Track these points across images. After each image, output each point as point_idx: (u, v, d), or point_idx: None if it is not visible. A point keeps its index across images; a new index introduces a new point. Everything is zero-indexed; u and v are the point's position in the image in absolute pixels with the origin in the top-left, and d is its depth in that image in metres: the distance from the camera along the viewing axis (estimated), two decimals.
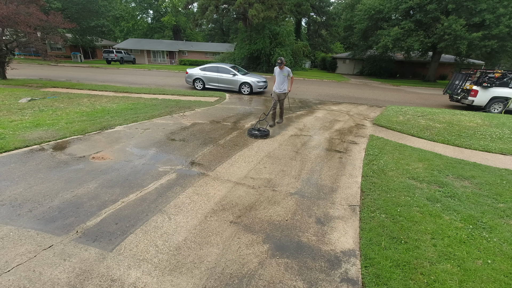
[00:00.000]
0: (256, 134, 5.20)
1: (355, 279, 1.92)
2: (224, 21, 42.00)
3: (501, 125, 6.94)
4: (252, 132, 5.26)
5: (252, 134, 5.24)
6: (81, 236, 2.20)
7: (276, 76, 5.86)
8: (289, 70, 5.78)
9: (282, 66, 5.64)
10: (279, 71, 5.76)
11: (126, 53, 32.72)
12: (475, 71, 10.97)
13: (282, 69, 5.72)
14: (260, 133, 5.21)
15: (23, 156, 3.74)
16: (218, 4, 24.51)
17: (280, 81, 5.84)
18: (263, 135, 5.21)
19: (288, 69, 5.75)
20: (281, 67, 5.69)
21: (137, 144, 4.51)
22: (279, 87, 5.89)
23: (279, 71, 5.76)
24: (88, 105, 7.25)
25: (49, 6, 22.35)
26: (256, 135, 5.20)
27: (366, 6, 23.71)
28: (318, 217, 2.67)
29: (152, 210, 2.63)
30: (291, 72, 5.85)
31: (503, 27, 18.13)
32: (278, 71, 5.79)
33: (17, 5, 10.35)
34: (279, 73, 5.78)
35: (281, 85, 5.90)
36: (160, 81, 15.02)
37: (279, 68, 5.73)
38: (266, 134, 5.26)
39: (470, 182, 3.57)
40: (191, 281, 1.82)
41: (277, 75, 5.86)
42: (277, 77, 5.87)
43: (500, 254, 2.21)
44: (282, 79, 5.82)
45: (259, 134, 5.18)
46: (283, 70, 5.74)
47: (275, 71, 5.87)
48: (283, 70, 5.74)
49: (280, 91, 5.92)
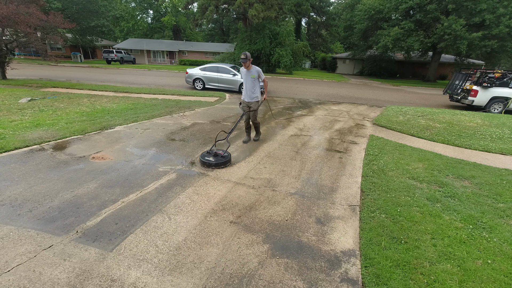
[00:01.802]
0: (210, 162, 3.67)
1: (355, 279, 1.92)
2: (224, 21, 42.01)
3: (501, 125, 6.94)
4: (205, 159, 3.71)
5: (205, 162, 3.68)
6: (81, 236, 2.20)
7: (244, 79, 4.51)
8: (258, 70, 4.41)
9: (248, 63, 4.25)
10: (246, 71, 4.41)
11: (126, 53, 32.72)
12: (475, 71, 10.97)
13: (249, 68, 4.37)
14: (216, 160, 3.73)
15: (23, 156, 3.74)
16: (218, 4, 24.51)
17: (250, 86, 4.46)
18: (221, 163, 3.71)
19: (258, 68, 4.41)
20: (246, 66, 4.31)
21: (137, 144, 4.51)
22: (249, 94, 4.49)
23: (245, 71, 4.41)
24: (88, 105, 7.24)
25: (49, 6, 22.35)
26: (209, 163, 3.66)
27: (366, 6, 23.72)
28: (318, 217, 2.67)
29: (152, 210, 2.63)
30: (261, 72, 4.46)
31: (503, 27, 18.14)
32: (244, 72, 4.43)
33: (17, 5, 10.34)
34: (246, 75, 4.43)
35: (251, 91, 4.48)
36: (160, 81, 15.02)
37: (244, 68, 4.38)
38: (225, 161, 3.76)
39: (470, 182, 3.57)
40: (191, 281, 1.82)
41: (244, 78, 4.49)
42: (244, 81, 4.49)
43: (500, 254, 2.21)
44: (252, 82, 4.43)
45: (214, 162, 3.68)
46: (251, 71, 4.38)
47: (241, 72, 4.60)
48: (251, 71, 4.38)
49: (250, 99, 4.52)
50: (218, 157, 3.78)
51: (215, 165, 3.68)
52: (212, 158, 3.74)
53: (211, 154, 3.83)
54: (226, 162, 3.78)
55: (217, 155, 3.82)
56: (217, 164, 3.68)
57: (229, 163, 3.82)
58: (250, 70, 4.38)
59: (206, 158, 3.74)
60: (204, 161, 3.70)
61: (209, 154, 3.86)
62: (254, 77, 4.40)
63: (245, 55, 4.14)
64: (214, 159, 3.72)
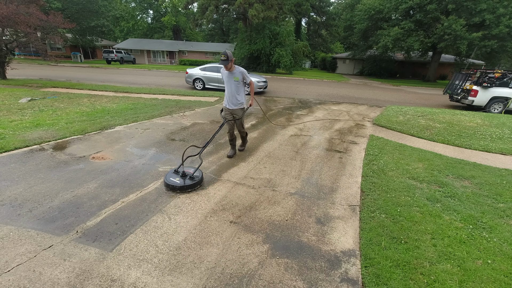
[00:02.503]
0: (174, 185, 2.97)
1: (355, 279, 1.92)
2: (224, 21, 42.02)
3: (501, 125, 6.94)
4: (169, 181, 3.02)
5: (169, 184, 3.00)
6: (81, 236, 2.20)
7: (225, 83, 3.83)
8: (243, 71, 3.74)
9: (230, 64, 3.60)
10: (227, 73, 3.73)
11: (126, 53, 32.74)
12: (475, 71, 10.97)
13: (231, 70, 3.70)
14: (182, 181, 3.01)
15: (23, 156, 3.74)
16: (218, 4, 24.53)
17: (233, 90, 3.78)
18: (187, 187, 2.99)
19: (241, 69, 3.74)
20: (228, 67, 3.64)
21: (137, 144, 4.51)
22: (232, 100, 3.84)
23: (227, 73, 3.74)
24: (88, 105, 7.24)
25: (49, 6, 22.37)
26: (174, 186, 2.97)
27: (366, 6, 23.73)
28: (318, 217, 2.67)
29: (152, 210, 2.63)
30: (246, 73, 3.79)
31: (503, 27, 18.15)
32: (226, 75, 3.76)
33: (17, 5, 10.35)
34: (228, 77, 3.76)
35: (234, 97, 3.81)
36: (160, 81, 15.02)
37: (225, 69, 3.70)
38: (193, 184, 3.04)
39: (470, 182, 3.57)
40: (191, 281, 1.82)
41: (226, 81, 3.81)
42: (226, 84, 3.83)
43: (500, 254, 2.21)
44: (235, 86, 3.76)
45: (179, 186, 2.96)
46: (234, 72, 3.70)
47: (222, 74, 3.89)
48: (234, 72, 3.70)
49: (234, 106, 3.86)
50: (186, 178, 3.08)
51: (180, 189, 2.97)
52: (179, 179, 3.05)
53: (178, 174, 3.14)
54: (195, 185, 3.06)
55: (185, 175, 3.11)
56: (182, 188, 2.97)
57: (199, 186, 3.12)
58: (233, 71, 3.71)
59: (170, 180, 3.04)
60: (168, 182, 3.00)
61: (177, 173, 3.16)
62: (237, 80, 3.72)
63: (226, 55, 3.48)
64: (180, 182, 3.01)
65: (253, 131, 5.73)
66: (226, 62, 3.54)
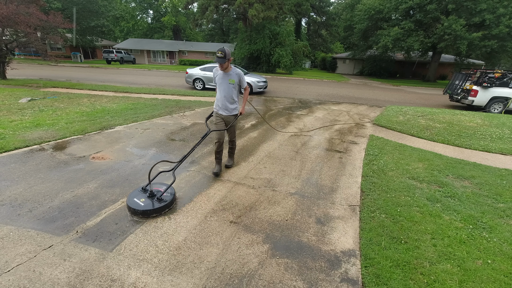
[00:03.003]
0: (135, 208, 2.46)
1: (355, 279, 1.92)
2: (224, 21, 42.03)
3: (501, 125, 6.94)
4: (131, 201, 2.55)
5: (131, 207, 2.48)
6: (81, 236, 2.20)
7: (218, 85, 3.31)
8: (239, 74, 3.25)
9: (227, 64, 3.12)
10: (222, 74, 3.23)
11: (126, 53, 32.75)
12: (475, 71, 10.97)
13: (227, 70, 3.21)
14: (149, 202, 2.55)
15: (23, 156, 3.74)
16: (218, 4, 24.54)
17: (227, 94, 3.27)
18: (152, 211, 2.49)
19: (239, 71, 3.26)
20: (224, 67, 3.14)
21: (137, 144, 4.51)
22: (225, 106, 3.33)
23: (221, 74, 3.24)
24: (88, 105, 7.24)
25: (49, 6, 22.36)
26: (134, 210, 2.46)
27: (366, 6, 23.74)
28: (318, 217, 2.67)
29: None
30: (243, 76, 3.30)
31: (503, 27, 18.15)
32: (220, 76, 3.25)
33: (17, 5, 10.35)
34: (222, 79, 3.24)
35: (229, 101, 3.32)
36: (160, 81, 15.02)
37: (220, 69, 3.20)
38: (161, 207, 2.54)
39: (470, 182, 3.57)
40: (191, 281, 1.82)
41: (219, 83, 3.29)
42: (219, 87, 3.31)
43: (500, 254, 2.21)
44: (230, 90, 3.26)
45: (141, 210, 2.45)
46: (230, 74, 3.21)
47: (214, 74, 3.35)
48: (230, 74, 3.21)
49: (228, 112, 3.37)
50: (153, 198, 2.60)
51: (142, 213, 2.46)
52: (144, 200, 2.59)
53: (146, 193, 2.70)
54: (162, 208, 2.55)
55: (153, 195, 2.63)
56: (145, 213, 2.46)
57: (168, 209, 2.62)
58: (229, 72, 3.20)
59: (133, 201, 2.56)
60: (128, 204, 2.51)
61: (144, 191, 2.72)
62: (233, 82, 3.22)
63: (223, 52, 2.96)
64: (144, 204, 2.53)
65: (253, 131, 5.73)
66: (223, 60, 3.03)
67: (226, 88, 3.25)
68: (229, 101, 3.32)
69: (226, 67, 3.17)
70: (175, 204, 2.77)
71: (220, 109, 3.38)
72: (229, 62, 3.15)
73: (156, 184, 2.93)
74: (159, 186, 2.88)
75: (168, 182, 2.92)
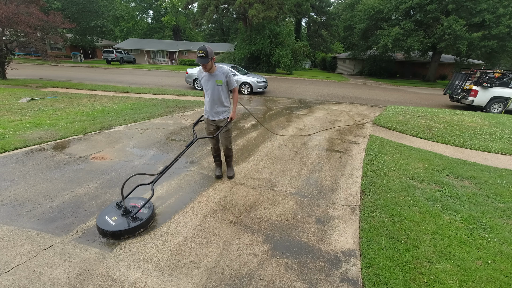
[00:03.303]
0: (106, 229, 2.15)
1: (355, 279, 1.92)
2: (224, 21, 42.02)
3: (501, 125, 6.94)
4: (101, 220, 2.24)
5: (99, 227, 2.17)
6: (81, 236, 2.20)
7: (204, 87, 3.01)
8: (226, 72, 2.95)
9: (210, 63, 2.79)
10: (207, 76, 2.92)
11: (126, 53, 32.75)
12: (475, 71, 10.97)
13: (212, 71, 2.89)
14: (121, 222, 2.23)
15: (23, 156, 3.74)
16: (218, 4, 24.54)
17: (215, 96, 2.97)
18: (124, 232, 2.17)
19: (225, 69, 2.96)
20: (207, 68, 2.82)
21: (137, 144, 4.51)
22: (215, 109, 3.05)
23: (206, 76, 2.92)
24: (88, 105, 7.24)
25: (49, 6, 22.36)
26: (104, 231, 2.15)
27: (366, 6, 23.74)
28: (318, 217, 2.67)
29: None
30: (231, 75, 3.01)
31: (503, 27, 18.15)
32: (206, 77, 2.94)
33: (17, 5, 10.35)
34: (208, 80, 2.93)
35: (218, 104, 3.02)
36: (160, 81, 15.02)
37: (204, 70, 2.88)
38: (136, 226, 2.22)
39: (470, 182, 3.57)
40: (191, 281, 1.82)
41: (205, 85, 2.99)
42: (205, 89, 3.02)
43: (500, 254, 2.21)
44: (218, 92, 2.96)
45: (111, 230, 2.14)
46: (216, 74, 2.91)
47: (199, 77, 3.05)
48: (216, 74, 2.91)
49: (218, 116, 3.07)
50: (128, 216, 2.28)
51: (111, 235, 2.14)
52: (116, 218, 2.26)
53: (120, 209, 2.37)
54: (136, 229, 2.22)
55: (128, 212, 2.31)
56: (115, 235, 2.14)
57: (143, 229, 2.29)
58: (214, 73, 2.89)
59: (105, 219, 2.25)
60: (98, 225, 2.20)
61: (118, 207, 2.39)
62: (221, 83, 2.92)
63: (204, 51, 2.61)
64: (115, 224, 2.19)
65: (253, 131, 5.73)
66: (205, 60, 2.67)
67: (213, 91, 2.94)
68: (218, 105, 3.03)
69: (210, 68, 2.84)
70: (155, 221, 2.44)
71: (210, 114, 3.08)
72: (213, 61, 2.81)
73: (134, 198, 2.60)
74: (137, 201, 2.54)
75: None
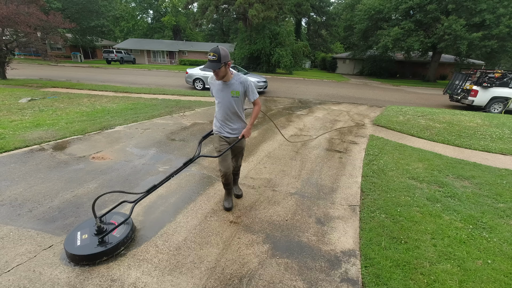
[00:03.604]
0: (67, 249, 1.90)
1: (355, 279, 1.92)
2: (224, 21, 42.00)
3: (501, 125, 6.94)
4: (71, 237, 2.01)
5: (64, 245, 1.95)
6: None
7: (216, 98, 2.41)
8: (245, 82, 2.34)
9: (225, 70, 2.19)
10: (221, 85, 2.32)
11: (126, 53, 32.75)
12: (475, 71, 10.97)
13: (227, 79, 2.29)
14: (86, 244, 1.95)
15: (23, 156, 3.74)
16: (218, 4, 24.54)
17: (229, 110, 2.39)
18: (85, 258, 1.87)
19: (244, 78, 2.35)
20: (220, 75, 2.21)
21: (137, 144, 4.51)
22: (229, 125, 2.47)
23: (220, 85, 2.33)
24: (88, 105, 7.24)
25: (49, 6, 22.35)
26: (65, 250, 1.91)
27: (366, 6, 23.75)
28: (318, 217, 2.67)
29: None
30: (252, 86, 2.37)
31: (503, 27, 18.16)
32: (219, 87, 2.34)
33: (17, 5, 10.35)
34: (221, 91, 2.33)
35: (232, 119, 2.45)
36: (160, 81, 15.02)
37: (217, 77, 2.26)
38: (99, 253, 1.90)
39: (470, 182, 3.57)
40: (191, 281, 1.82)
41: (217, 96, 2.38)
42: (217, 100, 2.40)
43: (500, 254, 2.21)
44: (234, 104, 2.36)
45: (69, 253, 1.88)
46: (232, 83, 2.31)
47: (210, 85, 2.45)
48: (232, 83, 2.31)
49: (233, 133, 2.50)
50: (99, 236, 1.98)
51: (70, 258, 1.88)
52: (85, 238, 1.99)
53: (93, 227, 2.06)
54: (97, 256, 1.89)
55: (102, 231, 2.01)
56: (73, 258, 1.87)
57: (106, 257, 1.93)
58: (230, 81, 2.28)
59: (75, 234, 2.04)
60: (65, 241, 1.98)
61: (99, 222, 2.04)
62: (237, 94, 2.30)
63: (217, 53, 2.06)
64: (80, 245, 1.93)
65: (253, 130, 5.73)
66: (216, 65, 2.07)
67: (228, 104, 2.28)
68: (235, 120, 2.40)
69: (224, 75, 2.17)
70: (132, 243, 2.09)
71: (224, 129, 2.44)
72: (228, 67, 2.16)
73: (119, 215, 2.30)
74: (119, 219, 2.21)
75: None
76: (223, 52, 2.10)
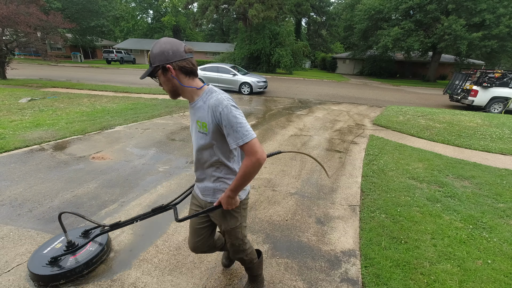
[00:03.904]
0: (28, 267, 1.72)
1: (355, 279, 1.92)
2: (224, 21, 41.98)
3: (501, 125, 6.94)
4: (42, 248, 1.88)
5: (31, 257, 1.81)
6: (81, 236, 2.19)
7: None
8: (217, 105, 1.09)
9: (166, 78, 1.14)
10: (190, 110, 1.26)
11: (126, 53, 32.74)
12: (475, 71, 10.97)
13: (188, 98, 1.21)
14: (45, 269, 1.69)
15: (23, 156, 3.74)
16: (218, 4, 24.52)
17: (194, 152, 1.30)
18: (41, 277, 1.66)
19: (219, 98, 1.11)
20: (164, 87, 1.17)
21: (137, 144, 4.51)
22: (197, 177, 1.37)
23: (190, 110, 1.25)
24: (88, 105, 7.24)
25: (49, 6, 22.35)
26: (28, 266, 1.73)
27: (366, 6, 23.73)
28: (318, 217, 2.67)
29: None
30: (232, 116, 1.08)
31: (503, 27, 18.15)
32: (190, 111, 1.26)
33: (17, 5, 10.36)
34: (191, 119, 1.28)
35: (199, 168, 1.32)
36: None
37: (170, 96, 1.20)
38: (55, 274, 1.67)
39: (470, 182, 3.57)
40: (191, 281, 1.82)
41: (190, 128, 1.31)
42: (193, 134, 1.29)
43: (500, 254, 2.21)
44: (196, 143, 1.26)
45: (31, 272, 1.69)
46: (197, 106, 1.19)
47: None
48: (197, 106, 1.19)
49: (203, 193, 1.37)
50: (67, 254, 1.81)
51: (31, 277, 1.71)
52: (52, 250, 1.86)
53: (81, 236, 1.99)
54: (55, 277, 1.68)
55: (72, 245, 1.85)
56: (35, 277, 1.69)
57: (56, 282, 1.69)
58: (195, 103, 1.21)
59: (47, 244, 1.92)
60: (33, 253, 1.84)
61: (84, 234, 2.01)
62: (204, 129, 1.19)
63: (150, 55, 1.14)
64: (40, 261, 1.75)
65: (253, 130, 5.73)
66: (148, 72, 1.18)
67: (194, 144, 1.30)
68: (203, 174, 1.34)
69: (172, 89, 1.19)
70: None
71: (196, 186, 1.45)
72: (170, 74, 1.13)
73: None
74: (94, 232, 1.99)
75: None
76: (156, 49, 1.12)
